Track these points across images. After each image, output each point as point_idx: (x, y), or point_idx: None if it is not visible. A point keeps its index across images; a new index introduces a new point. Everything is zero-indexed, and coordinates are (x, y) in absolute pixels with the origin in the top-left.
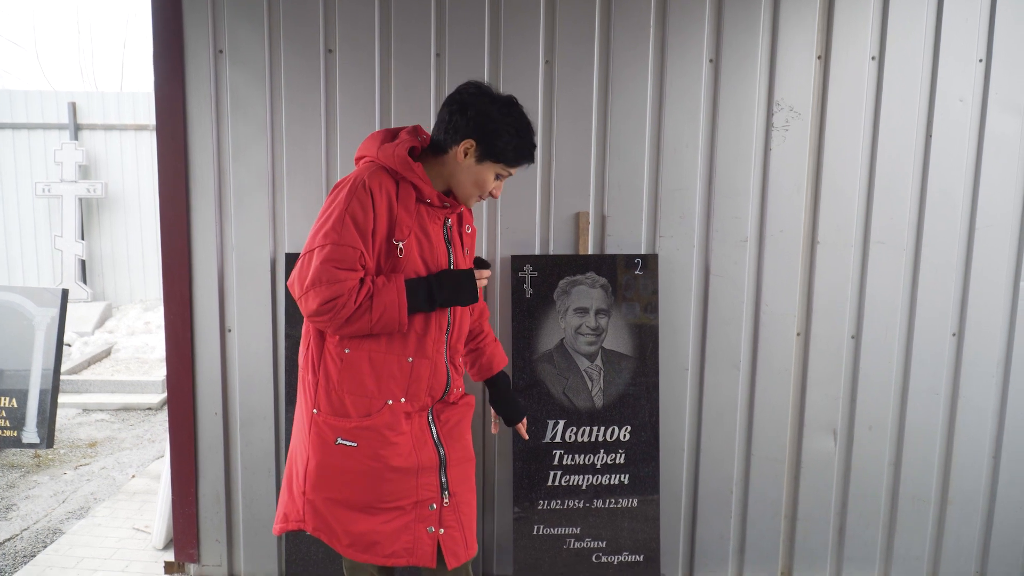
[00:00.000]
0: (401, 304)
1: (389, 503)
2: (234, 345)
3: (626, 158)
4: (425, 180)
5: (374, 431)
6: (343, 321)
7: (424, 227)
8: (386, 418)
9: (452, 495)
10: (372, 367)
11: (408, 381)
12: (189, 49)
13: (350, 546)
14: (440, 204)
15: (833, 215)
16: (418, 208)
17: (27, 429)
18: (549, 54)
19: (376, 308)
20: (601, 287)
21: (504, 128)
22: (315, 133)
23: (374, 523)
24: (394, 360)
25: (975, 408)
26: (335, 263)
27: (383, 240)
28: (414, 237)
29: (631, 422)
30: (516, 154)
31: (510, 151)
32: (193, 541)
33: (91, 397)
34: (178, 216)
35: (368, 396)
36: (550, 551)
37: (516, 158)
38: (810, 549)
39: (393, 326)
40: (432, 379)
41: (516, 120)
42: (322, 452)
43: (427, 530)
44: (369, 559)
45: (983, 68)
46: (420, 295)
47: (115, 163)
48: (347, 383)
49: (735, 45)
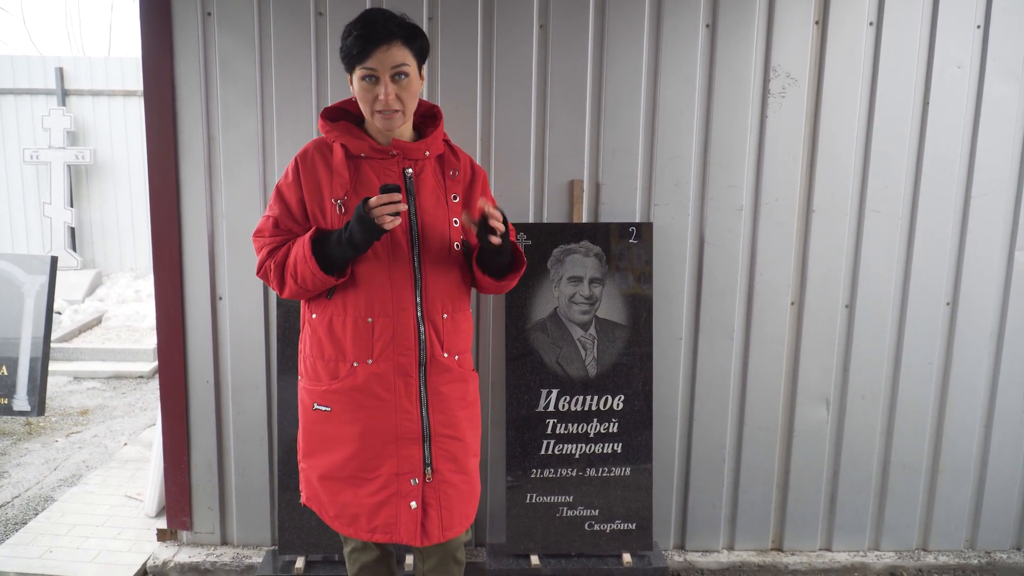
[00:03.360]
0: (307, 255)
1: (371, 472)
2: (225, 313)
3: (621, 125)
4: (354, 134)
5: (343, 394)
6: (277, 283)
7: (366, 183)
8: (355, 380)
9: (435, 472)
10: (333, 330)
11: (371, 342)
12: (177, 12)
13: (336, 518)
14: (379, 155)
15: (829, 183)
16: (358, 164)
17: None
18: (543, 18)
19: (290, 265)
20: (595, 256)
21: (344, 34)
22: (305, 98)
23: (359, 495)
24: (351, 322)
25: (967, 378)
26: (259, 233)
27: (317, 205)
28: (354, 193)
29: (624, 391)
30: (351, 45)
31: (346, 47)
32: (186, 509)
33: (82, 365)
34: (167, 183)
35: (334, 359)
36: (543, 519)
37: (353, 50)
38: (802, 517)
39: (315, 280)
40: (398, 339)
41: (353, 21)
42: (305, 418)
43: (409, 505)
44: (352, 533)
45: (981, 34)
46: (332, 243)
47: (104, 129)
48: (315, 347)
49: (732, 10)
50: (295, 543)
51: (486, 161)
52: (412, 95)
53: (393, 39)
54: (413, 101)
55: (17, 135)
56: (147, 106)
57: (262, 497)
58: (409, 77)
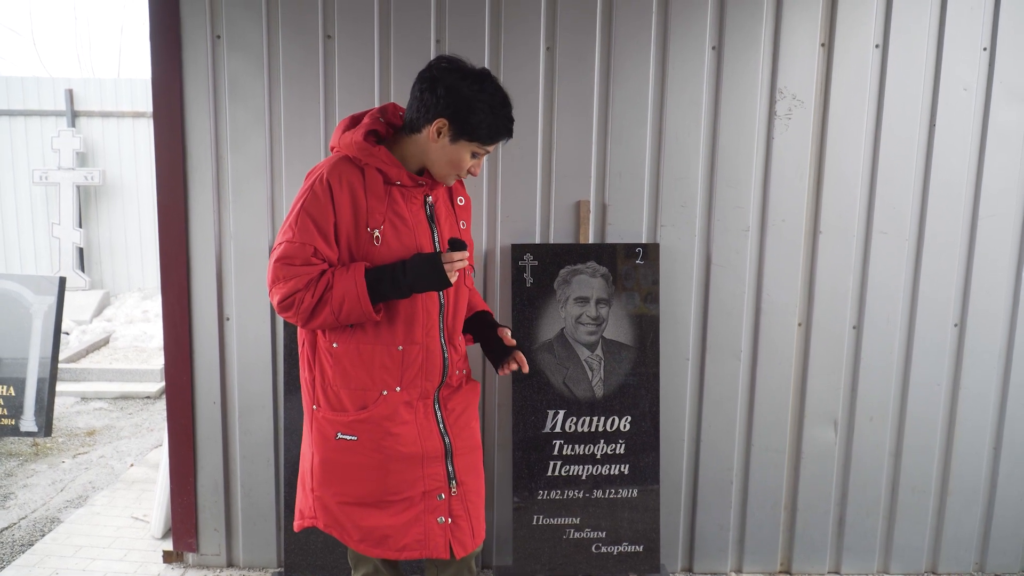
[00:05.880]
0: (360, 294)
1: (397, 495)
2: (232, 334)
3: (627, 146)
4: (392, 162)
5: (372, 423)
6: (307, 314)
7: (398, 211)
8: (383, 409)
9: (460, 484)
10: (362, 359)
11: (401, 370)
12: (186, 34)
13: (361, 541)
14: (413, 184)
15: (835, 204)
16: (389, 191)
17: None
18: (550, 40)
19: (335, 299)
20: (602, 276)
21: (477, 105)
22: (313, 120)
23: (384, 517)
24: (383, 350)
25: (976, 399)
26: (288, 260)
27: (351, 231)
28: (388, 223)
29: (631, 412)
30: (491, 132)
31: (484, 129)
32: (192, 530)
33: (89, 386)
34: (176, 204)
35: (362, 388)
36: (549, 541)
37: (491, 135)
38: (810, 539)
39: (358, 315)
40: (427, 365)
41: (490, 95)
42: (324, 448)
43: (437, 520)
44: (381, 553)
45: (987, 56)
46: (385, 282)
47: (112, 150)
48: (340, 377)
49: (738, 32)
50: (301, 565)
51: (493, 181)
52: None
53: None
54: None
55: (27, 156)
56: (156, 127)
57: (268, 518)
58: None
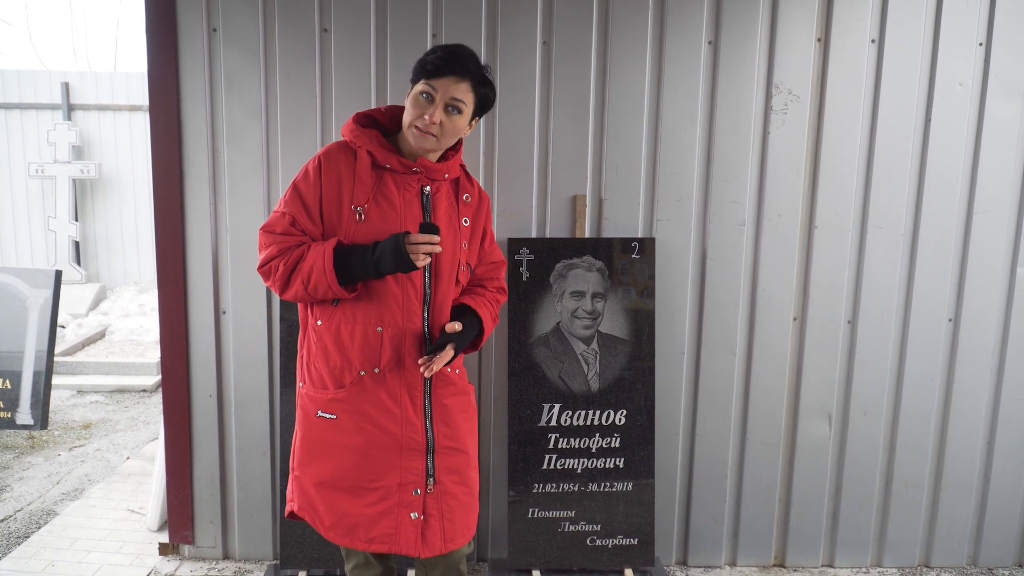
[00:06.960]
0: (327, 266)
1: (372, 483)
2: (229, 327)
3: (624, 141)
4: (381, 144)
5: (350, 403)
6: (282, 282)
7: (387, 195)
8: (362, 390)
9: (437, 483)
10: (341, 338)
11: (380, 352)
12: (183, 28)
13: (331, 528)
14: (404, 169)
15: (831, 199)
16: (381, 175)
17: (21, 410)
18: (547, 35)
19: (304, 269)
20: (598, 270)
21: (429, 51)
22: (310, 115)
23: (357, 505)
24: (361, 330)
25: (970, 394)
26: (269, 228)
27: (334, 207)
28: (374, 203)
29: (627, 406)
30: (429, 60)
31: (424, 60)
32: (188, 523)
33: (85, 379)
34: (172, 198)
35: (340, 367)
36: (545, 534)
37: (432, 66)
38: (804, 533)
39: (324, 288)
40: (408, 350)
41: (442, 45)
42: (306, 426)
43: (410, 516)
44: (349, 543)
45: (983, 52)
46: (355, 258)
47: (109, 144)
48: (321, 355)
49: (734, 27)
50: (297, 557)
51: (489, 176)
52: (454, 132)
53: (465, 76)
54: (450, 139)
55: (22, 149)
56: (152, 121)
57: (264, 511)
58: (461, 115)
